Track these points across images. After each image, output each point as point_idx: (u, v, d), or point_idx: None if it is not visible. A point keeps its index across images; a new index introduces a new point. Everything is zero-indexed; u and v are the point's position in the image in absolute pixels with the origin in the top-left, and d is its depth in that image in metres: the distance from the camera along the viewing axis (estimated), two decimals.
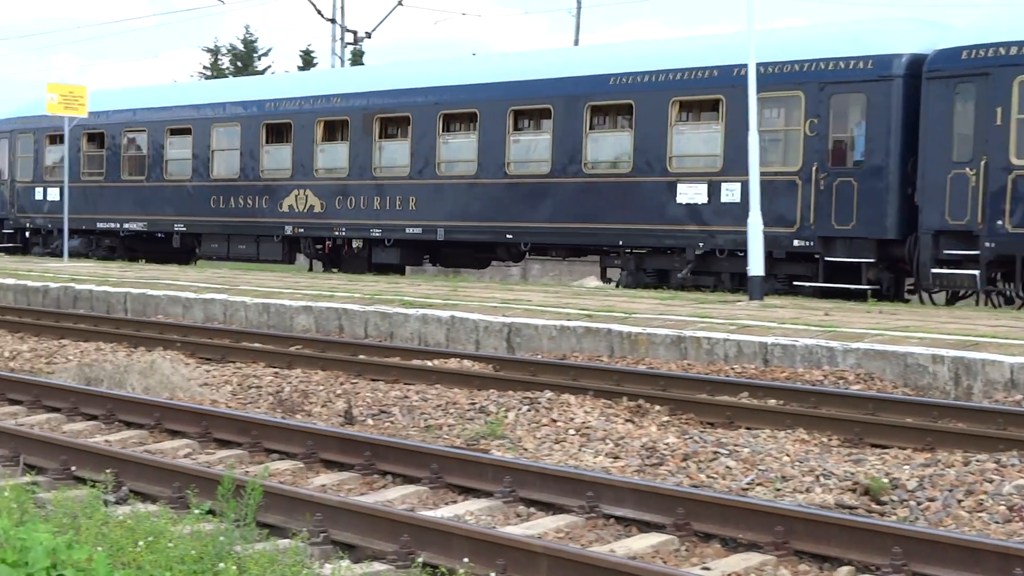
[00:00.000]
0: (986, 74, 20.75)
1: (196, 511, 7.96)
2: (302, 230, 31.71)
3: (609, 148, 26.57)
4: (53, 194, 38.48)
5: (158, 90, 36.84)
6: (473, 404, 12.95)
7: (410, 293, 21.91)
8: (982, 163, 20.92)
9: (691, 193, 24.61)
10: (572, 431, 11.64)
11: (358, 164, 30.39)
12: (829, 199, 22.76)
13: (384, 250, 30.46)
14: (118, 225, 36.87)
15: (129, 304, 22.33)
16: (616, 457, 10.71)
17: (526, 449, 11.16)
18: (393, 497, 9.32)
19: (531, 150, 27.76)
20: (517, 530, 8.29)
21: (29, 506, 8.01)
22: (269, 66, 77.27)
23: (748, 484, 9.70)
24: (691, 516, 8.24)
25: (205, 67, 78.06)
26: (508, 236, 27.75)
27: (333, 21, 48.39)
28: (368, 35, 49.94)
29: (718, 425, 12.27)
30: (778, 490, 9.51)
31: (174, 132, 35.41)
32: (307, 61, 73.25)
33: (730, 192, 23.99)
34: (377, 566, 7.41)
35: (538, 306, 19.56)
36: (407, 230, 29.36)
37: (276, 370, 15.81)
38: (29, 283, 24.41)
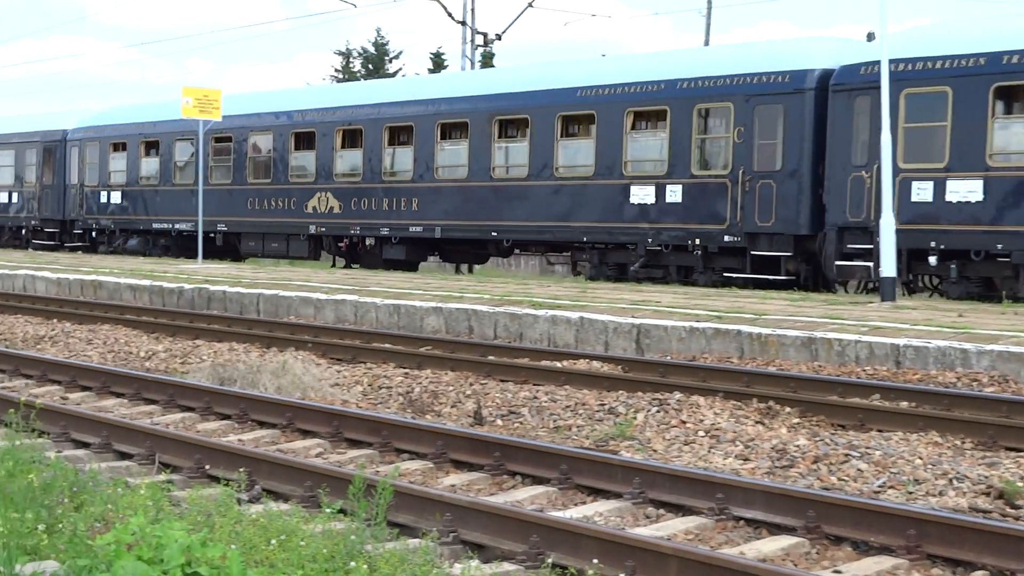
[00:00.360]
0: (878, 87, 21.98)
1: (327, 510, 8.04)
2: (324, 229, 34.62)
3: (576, 154, 29.34)
4: (116, 197, 41.84)
5: None
6: (602, 405, 12.94)
7: (539, 294, 21.95)
8: (875, 167, 22.73)
9: (642, 194, 27.42)
10: (702, 432, 11.59)
11: (371, 169, 33.21)
12: (753, 199, 25.39)
13: (392, 247, 33.15)
14: (170, 226, 39.86)
15: (262, 305, 22.62)
16: (746, 459, 10.64)
17: (655, 450, 11.13)
18: (522, 497, 9.35)
19: (513, 156, 30.63)
20: (646, 531, 8.27)
21: (164, 504, 8.15)
22: (400, 68, 77.85)
23: (880, 487, 9.58)
24: (822, 519, 8.16)
25: (337, 70, 78.80)
26: (493, 233, 30.81)
27: (464, 23, 48.48)
28: (498, 37, 50.00)
29: (849, 427, 12.14)
30: (910, 493, 9.39)
31: (218, 140, 38.04)
32: (437, 64, 73.55)
33: (673, 193, 26.93)
34: (507, 566, 7.44)
35: (667, 307, 19.50)
36: (410, 228, 32.37)
37: (406, 371, 15.91)
38: (164, 284, 24.83)
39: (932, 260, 22.80)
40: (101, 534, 6.52)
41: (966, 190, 22.36)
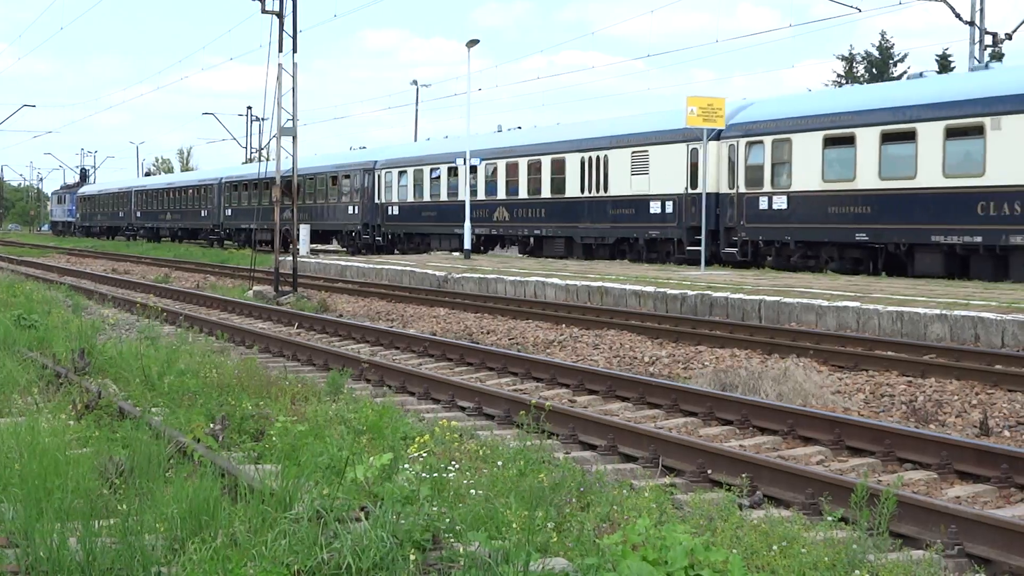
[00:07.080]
0: None
1: (829, 518, 8.05)
2: None
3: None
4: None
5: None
6: None
7: None
8: None
9: None
10: None
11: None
12: None
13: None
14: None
15: (763, 311, 22.65)
16: None
17: None
18: None
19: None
20: None
21: (668, 507, 8.36)
22: (904, 72, 76.31)
23: None
24: None
25: (839, 75, 78.15)
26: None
27: (971, 24, 46.93)
28: (1008, 36, 48.18)
29: None
30: None
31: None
32: (943, 66, 71.76)
33: None
34: None
35: None
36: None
37: (909, 379, 15.62)
38: (668, 291, 25.22)
39: None
40: (607, 534, 6.76)
41: None
